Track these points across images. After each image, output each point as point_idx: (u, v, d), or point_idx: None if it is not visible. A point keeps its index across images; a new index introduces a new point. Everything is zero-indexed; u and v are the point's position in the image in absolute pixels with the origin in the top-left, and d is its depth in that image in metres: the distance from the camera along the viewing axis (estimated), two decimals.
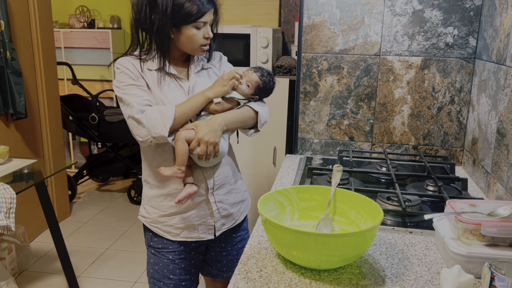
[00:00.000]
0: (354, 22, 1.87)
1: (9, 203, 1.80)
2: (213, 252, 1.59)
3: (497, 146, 1.50)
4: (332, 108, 1.98)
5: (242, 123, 1.42)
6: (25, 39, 3.06)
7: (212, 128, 1.31)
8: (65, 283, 2.66)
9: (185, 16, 1.30)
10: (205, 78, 1.46)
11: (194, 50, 1.38)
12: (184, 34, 1.33)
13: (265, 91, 1.46)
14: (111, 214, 3.71)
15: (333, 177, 1.35)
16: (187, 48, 1.37)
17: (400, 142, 1.97)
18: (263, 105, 1.48)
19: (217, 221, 1.48)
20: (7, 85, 2.82)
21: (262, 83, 1.43)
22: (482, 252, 1.01)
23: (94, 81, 4.44)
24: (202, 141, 1.30)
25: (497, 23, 1.57)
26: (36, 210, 3.13)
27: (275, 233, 1.05)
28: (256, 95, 1.45)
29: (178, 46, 1.37)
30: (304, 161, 1.94)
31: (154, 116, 1.28)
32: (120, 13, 4.47)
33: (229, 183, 1.50)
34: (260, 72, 1.44)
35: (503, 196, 1.42)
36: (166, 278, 1.49)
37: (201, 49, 1.38)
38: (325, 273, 1.06)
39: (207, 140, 1.30)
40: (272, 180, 2.59)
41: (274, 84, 1.49)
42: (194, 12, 1.30)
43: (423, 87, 1.88)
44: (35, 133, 3.22)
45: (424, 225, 1.31)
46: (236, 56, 2.62)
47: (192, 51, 1.39)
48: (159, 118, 1.28)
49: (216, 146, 1.33)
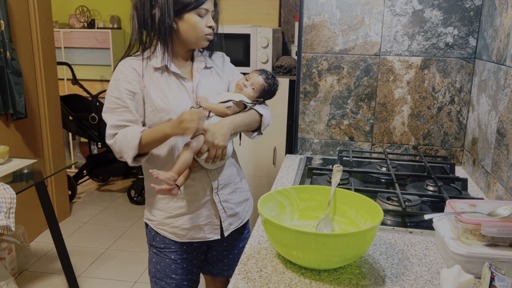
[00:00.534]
0: (354, 22, 1.87)
1: (9, 203, 1.80)
2: (215, 252, 1.60)
3: (497, 146, 1.50)
4: (332, 108, 1.98)
5: (248, 126, 1.43)
6: (25, 39, 3.06)
7: (222, 132, 1.32)
8: (65, 283, 2.66)
9: (187, 2, 1.30)
10: (209, 77, 1.46)
11: (198, 40, 1.36)
12: (187, 22, 1.32)
13: (269, 94, 1.48)
14: (111, 214, 3.71)
15: (333, 177, 1.35)
16: (192, 37, 1.35)
17: (400, 142, 1.97)
18: (266, 108, 1.49)
19: (224, 220, 1.49)
20: (7, 85, 2.82)
21: (267, 86, 1.45)
22: (482, 252, 1.01)
23: (94, 81, 4.44)
24: (212, 145, 1.30)
25: (497, 23, 1.57)
26: (36, 210, 3.13)
27: (275, 233, 1.05)
28: (260, 97, 1.46)
29: (182, 37, 1.36)
30: (304, 161, 1.94)
31: (121, 143, 1.31)
32: (120, 13, 4.47)
33: (233, 182, 1.51)
34: (265, 75, 1.45)
35: (503, 196, 1.42)
36: (168, 277, 1.49)
37: (206, 38, 1.37)
38: (325, 273, 1.06)
39: (217, 143, 1.31)
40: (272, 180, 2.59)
41: (278, 86, 1.50)
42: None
43: (423, 87, 1.88)
44: (35, 133, 3.22)
45: (424, 225, 1.31)
46: (236, 56, 2.62)
47: (196, 41, 1.37)
48: (125, 146, 1.30)
49: (225, 149, 1.33)
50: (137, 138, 1.29)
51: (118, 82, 1.33)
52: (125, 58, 1.37)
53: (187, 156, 1.29)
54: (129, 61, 1.36)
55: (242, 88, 1.43)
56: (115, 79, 1.34)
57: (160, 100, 1.35)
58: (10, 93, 2.84)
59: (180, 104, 1.36)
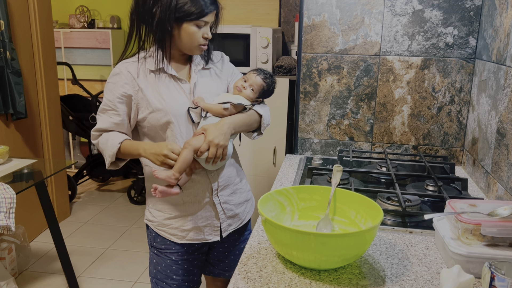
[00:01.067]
0: (354, 22, 1.87)
1: (9, 203, 1.80)
2: (216, 252, 1.60)
3: (497, 146, 1.50)
4: (332, 108, 1.98)
5: (248, 126, 1.43)
6: (25, 39, 3.06)
7: (222, 131, 1.32)
8: (65, 283, 2.66)
9: (189, 13, 1.30)
10: (207, 78, 1.45)
11: (192, 49, 1.37)
12: (184, 30, 1.33)
13: (268, 93, 1.48)
14: (111, 214, 3.71)
15: (333, 177, 1.35)
16: (186, 45, 1.36)
17: (400, 142, 1.97)
18: (265, 107, 1.49)
19: (222, 222, 1.49)
20: (7, 85, 2.82)
21: (266, 86, 1.45)
22: (482, 252, 1.01)
23: (94, 81, 4.44)
24: (212, 144, 1.30)
25: (497, 23, 1.57)
26: (36, 210, 3.12)
27: (275, 233, 1.05)
28: (260, 97, 1.46)
29: (177, 43, 1.36)
30: (304, 161, 1.94)
31: (102, 147, 1.40)
32: (120, 13, 4.47)
33: (233, 183, 1.50)
34: (263, 75, 1.45)
35: (503, 196, 1.42)
36: (169, 278, 1.49)
37: (200, 48, 1.38)
38: (325, 273, 1.06)
39: (217, 143, 1.30)
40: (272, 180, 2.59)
41: (275, 85, 1.50)
42: (198, 10, 1.30)
43: (423, 87, 1.88)
44: (35, 133, 3.22)
45: (424, 225, 1.31)
46: (236, 56, 2.62)
47: (190, 50, 1.38)
48: (105, 150, 1.39)
49: (225, 149, 1.33)
50: (116, 147, 1.35)
51: (112, 85, 1.36)
52: (121, 62, 1.38)
53: (187, 155, 1.29)
54: (124, 65, 1.37)
55: (241, 90, 1.43)
56: (110, 82, 1.37)
57: (157, 101, 1.35)
58: (10, 93, 2.84)
59: (177, 105, 1.36)
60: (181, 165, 1.28)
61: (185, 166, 1.29)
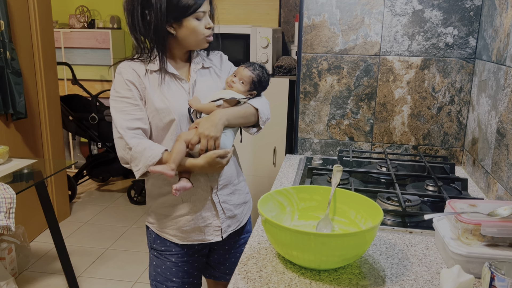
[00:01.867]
0: (354, 22, 1.87)
1: (9, 203, 1.80)
2: (217, 255, 1.59)
3: (497, 146, 1.50)
4: (332, 108, 1.98)
5: (244, 118, 1.41)
6: (25, 39, 3.06)
7: (213, 123, 1.31)
8: (65, 283, 2.66)
9: (184, 8, 1.29)
10: (207, 77, 1.45)
11: (199, 42, 1.37)
12: (186, 27, 1.32)
13: (260, 85, 1.46)
14: (111, 214, 3.71)
15: (333, 177, 1.35)
16: (192, 41, 1.36)
17: (400, 142, 1.97)
18: (264, 102, 1.48)
19: (222, 222, 1.48)
20: (7, 85, 2.82)
21: (256, 77, 1.43)
22: (482, 252, 1.01)
23: (94, 81, 4.44)
24: (202, 135, 1.29)
25: (497, 23, 1.57)
26: (36, 210, 3.12)
27: (275, 233, 1.05)
28: (252, 90, 1.45)
29: (182, 42, 1.36)
30: (304, 161, 1.94)
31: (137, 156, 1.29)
32: (120, 13, 4.47)
33: (232, 183, 1.50)
34: (252, 67, 1.44)
35: (503, 196, 1.42)
36: (169, 280, 1.48)
37: (206, 39, 1.37)
38: (325, 273, 1.06)
39: (207, 134, 1.29)
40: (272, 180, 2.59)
41: (269, 76, 1.48)
42: (193, 2, 1.29)
43: (423, 87, 1.88)
44: (35, 133, 3.22)
45: (424, 225, 1.31)
46: (236, 56, 2.62)
47: (197, 44, 1.37)
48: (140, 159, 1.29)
49: (217, 140, 1.31)
50: (156, 159, 1.28)
51: (125, 82, 1.33)
52: (123, 61, 1.38)
53: (180, 146, 1.28)
54: (128, 63, 1.36)
55: (232, 85, 1.43)
56: (120, 80, 1.34)
57: (160, 100, 1.35)
58: (10, 93, 2.84)
59: (180, 104, 1.36)
60: (175, 155, 1.27)
61: (179, 155, 1.28)
